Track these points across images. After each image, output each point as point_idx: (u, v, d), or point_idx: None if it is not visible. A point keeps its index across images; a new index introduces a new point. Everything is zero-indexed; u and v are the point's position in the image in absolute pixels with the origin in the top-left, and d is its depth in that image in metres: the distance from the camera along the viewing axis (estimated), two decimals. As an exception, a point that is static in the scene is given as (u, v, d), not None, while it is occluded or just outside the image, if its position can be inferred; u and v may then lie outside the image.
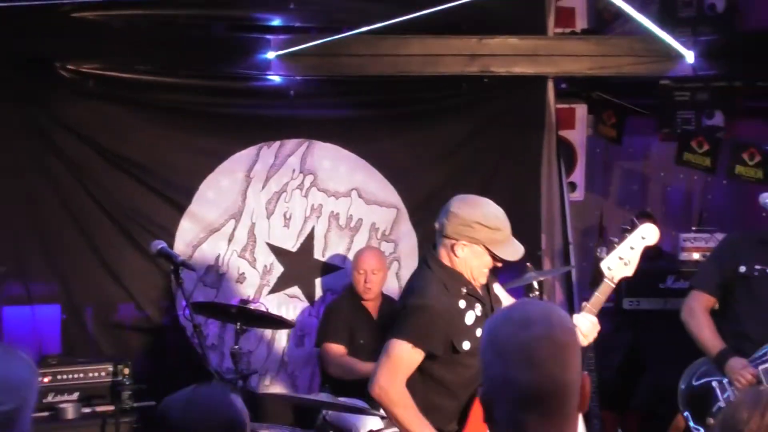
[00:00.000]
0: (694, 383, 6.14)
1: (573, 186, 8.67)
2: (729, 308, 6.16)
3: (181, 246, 7.56)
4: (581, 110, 8.70)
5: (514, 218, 7.95)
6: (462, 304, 4.86)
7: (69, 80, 7.30)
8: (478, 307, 4.93)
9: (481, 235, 4.81)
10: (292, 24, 7.74)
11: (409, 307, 4.82)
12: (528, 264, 7.04)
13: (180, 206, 7.62)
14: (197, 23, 7.68)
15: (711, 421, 6.00)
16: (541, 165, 8.19)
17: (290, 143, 7.85)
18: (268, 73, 7.63)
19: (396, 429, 5.93)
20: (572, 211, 8.44)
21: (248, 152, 7.77)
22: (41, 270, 7.35)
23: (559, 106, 8.31)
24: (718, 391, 6.00)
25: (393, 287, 7.90)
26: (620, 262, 4.93)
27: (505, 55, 7.81)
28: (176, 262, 5.00)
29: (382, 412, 6.58)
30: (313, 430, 6.37)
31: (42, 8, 6.98)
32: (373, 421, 6.32)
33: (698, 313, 6.14)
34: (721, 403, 5.96)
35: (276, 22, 7.74)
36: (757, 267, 5.98)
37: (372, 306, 7.22)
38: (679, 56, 7.74)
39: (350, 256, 7.71)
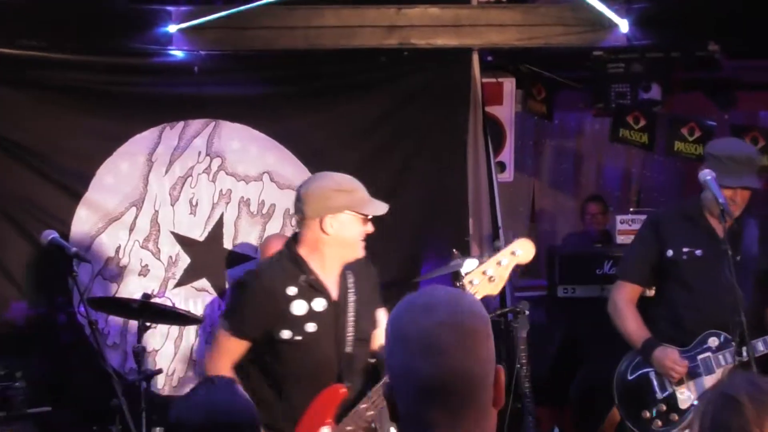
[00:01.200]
0: (629, 377, 6.19)
1: (502, 166, 8.72)
2: (663, 294, 6.23)
3: (77, 237, 7.46)
4: (509, 84, 8.75)
5: (439, 202, 8.09)
6: (292, 291, 5.00)
7: (-54, 57, 7.16)
8: (319, 302, 5.04)
9: (342, 201, 5.02)
10: (195, -6, 7.68)
11: (232, 284, 5.03)
12: (454, 251, 7.05)
13: (75, 193, 7.53)
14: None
15: (647, 414, 6.06)
16: (467, 144, 8.14)
17: (195, 124, 7.78)
18: (169, 48, 7.55)
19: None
20: (501, 193, 8.43)
21: (149, 134, 7.69)
22: None
23: (485, 80, 8.29)
24: (656, 384, 6.07)
25: (309, 279, 7.87)
26: (484, 278, 4.95)
27: (426, 26, 7.78)
28: (69, 253, 4.96)
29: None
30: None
31: None
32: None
33: (621, 305, 6.21)
34: (659, 395, 6.04)
35: (177, -10, 7.69)
36: (685, 249, 6.02)
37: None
38: (612, 25, 7.76)
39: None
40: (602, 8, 7.52)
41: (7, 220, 7.41)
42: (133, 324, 6.81)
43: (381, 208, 5.20)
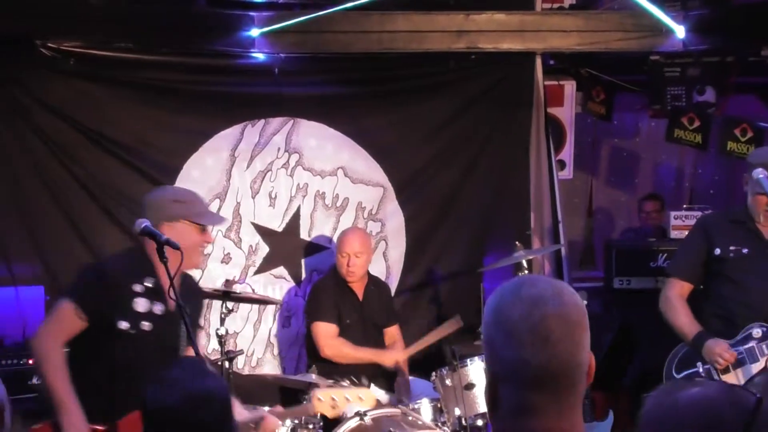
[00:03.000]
0: (678, 370, 6.23)
1: (562, 164, 8.77)
2: (711, 290, 6.27)
3: (164, 226, 7.59)
4: (570, 87, 8.81)
5: (503, 197, 8.15)
6: (138, 288, 5.04)
7: (50, 59, 7.35)
8: (158, 305, 5.08)
9: (178, 211, 5.11)
10: (276, 0, 7.82)
11: (84, 266, 5.22)
12: (517, 243, 7.12)
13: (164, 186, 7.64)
14: (180, -1, 7.77)
15: None
16: (529, 143, 8.26)
17: (275, 122, 7.95)
18: (251, 50, 7.69)
19: (387, 410, 6.07)
20: (561, 190, 8.51)
21: (232, 131, 7.86)
22: (24, 251, 7.41)
23: (548, 82, 8.39)
24: (703, 375, 6.09)
25: (380, 268, 8.06)
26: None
27: (493, 31, 7.88)
28: (161, 240, 5.04)
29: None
30: (300, 411, 6.44)
31: (21, -14, 7.04)
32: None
33: (673, 301, 6.25)
34: None
35: (260, -2, 7.82)
36: (732, 248, 6.08)
37: (358, 287, 7.30)
38: (670, 31, 7.82)
39: (336, 235, 7.74)
40: (660, 15, 7.54)
41: (100, 209, 7.58)
42: (216, 308, 6.91)
43: (218, 220, 5.42)
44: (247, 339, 7.86)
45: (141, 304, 5.01)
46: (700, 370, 6.10)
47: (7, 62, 7.30)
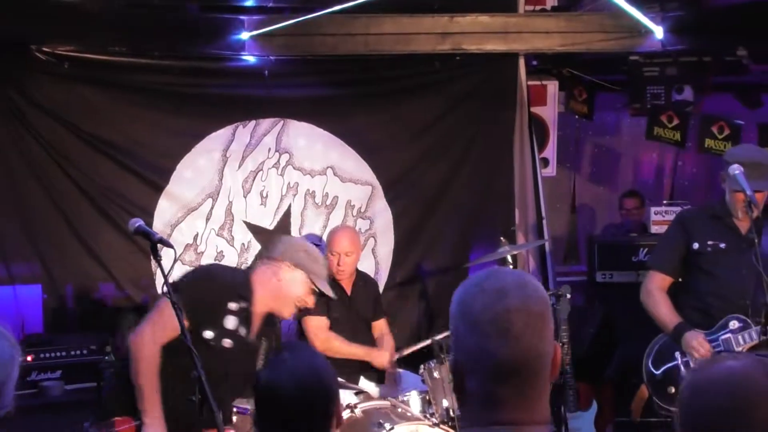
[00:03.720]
0: (656, 359, 6.28)
1: (545, 162, 8.78)
2: (689, 283, 6.33)
3: (159, 225, 7.67)
4: (552, 87, 8.82)
5: (488, 194, 8.17)
6: (233, 306, 5.13)
7: (45, 62, 7.38)
8: (243, 330, 5.17)
9: (304, 262, 5.27)
10: (265, 4, 7.82)
11: (198, 267, 5.45)
12: (502, 239, 7.13)
13: (158, 186, 7.73)
14: (171, 4, 7.75)
15: (672, 389, 6.15)
16: (513, 141, 8.29)
17: (265, 122, 7.96)
18: (242, 53, 7.71)
19: (376, 403, 6.07)
20: (545, 187, 8.54)
21: (224, 132, 7.87)
22: (22, 251, 7.44)
23: (531, 82, 8.42)
24: (681, 363, 6.13)
25: (369, 264, 8.07)
26: None
27: (476, 32, 7.90)
28: (154, 239, 5.02)
29: (359, 386, 6.71)
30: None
31: (17, -9, 7.04)
32: (348, 396, 6.41)
33: (654, 292, 6.30)
34: (683, 373, 6.09)
35: (250, 2, 7.85)
36: (710, 243, 6.13)
37: (346, 283, 7.27)
38: (649, 32, 7.84)
39: (327, 233, 7.70)
40: (639, 16, 7.55)
41: (96, 209, 7.60)
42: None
43: (329, 292, 5.46)
44: (240, 335, 7.84)
45: (230, 322, 5.09)
46: (679, 361, 6.14)
47: (2, 65, 7.31)
